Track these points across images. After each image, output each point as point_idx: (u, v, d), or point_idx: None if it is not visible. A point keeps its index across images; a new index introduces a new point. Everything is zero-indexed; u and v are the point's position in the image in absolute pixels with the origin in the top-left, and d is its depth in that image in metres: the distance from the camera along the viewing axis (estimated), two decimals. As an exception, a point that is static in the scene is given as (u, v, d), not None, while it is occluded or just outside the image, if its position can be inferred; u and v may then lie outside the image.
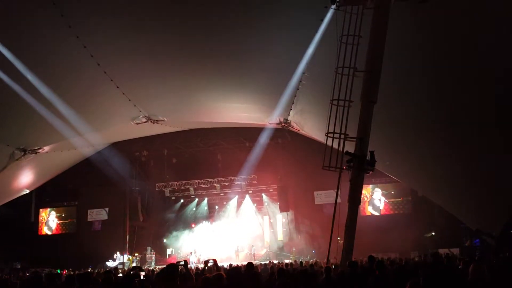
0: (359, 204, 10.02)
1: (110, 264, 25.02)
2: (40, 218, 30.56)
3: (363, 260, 12.76)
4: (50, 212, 30.72)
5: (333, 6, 10.28)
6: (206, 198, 30.13)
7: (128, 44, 13.14)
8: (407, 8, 9.88)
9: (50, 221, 30.54)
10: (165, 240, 28.70)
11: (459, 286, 6.01)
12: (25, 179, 22.80)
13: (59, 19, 11.35)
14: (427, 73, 11.63)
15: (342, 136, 10.12)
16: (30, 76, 13.49)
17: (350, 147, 9.97)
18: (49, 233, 30.41)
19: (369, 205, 25.96)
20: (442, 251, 17.59)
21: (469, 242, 18.61)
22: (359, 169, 9.68)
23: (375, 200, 25.95)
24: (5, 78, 13.43)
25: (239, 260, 23.48)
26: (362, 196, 11.45)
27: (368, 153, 9.71)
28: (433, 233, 23.32)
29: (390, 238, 22.14)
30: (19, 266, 25.33)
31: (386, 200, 25.90)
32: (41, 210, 30.63)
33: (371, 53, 9.60)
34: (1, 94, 14.24)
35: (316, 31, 11.60)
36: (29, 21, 11.75)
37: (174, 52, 13.80)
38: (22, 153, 18.84)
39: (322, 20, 11.14)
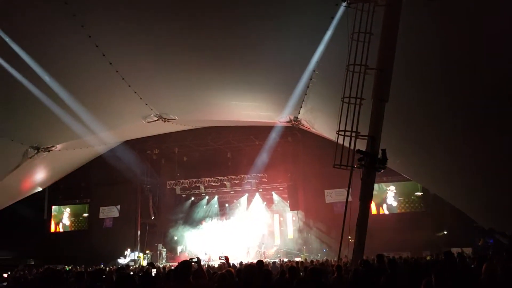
0: (371, 202, 9.97)
1: (122, 261, 25.23)
2: (53, 215, 30.91)
3: (375, 259, 12.72)
4: (64, 209, 31.05)
5: (344, 3, 10.25)
6: (216, 196, 30.27)
7: (139, 43, 13.21)
8: (419, 5, 9.82)
9: (64, 218, 30.87)
10: (175, 238, 28.86)
11: (472, 286, 5.96)
12: (38, 177, 23.07)
13: (72, 19, 11.45)
14: (441, 70, 11.52)
15: (354, 134, 10.08)
16: (46, 77, 13.64)
17: (361, 145, 9.93)
18: (64, 230, 30.72)
19: (384, 203, 25.81)
20: (455, 250, 17.44)
21: (482, 241, 18.40)
22: (371, 167, 9.64)
23: (389, 199, 25.80)
24: (19, 77, 13.59)
25: (250, 258, 23.53)
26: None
27: (380, 151, 9.66)
28: (445, 232, 23.14)
29: (402, 237, 22.02)
30: (33, 263, 25.66)
31: (400, 199, 25.75)
32: (53, 207, 30.98)
33: (383, 51, 9.54)
34: (16, 93, 14.43)
35: (327, 28, 11.53)
36: (42, 21, 11.86)
37: (184, 51, 13.83)
38: (36, 151, 19.09)
39: (333, 17, 11.07)
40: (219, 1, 11.60)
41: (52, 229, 30.74)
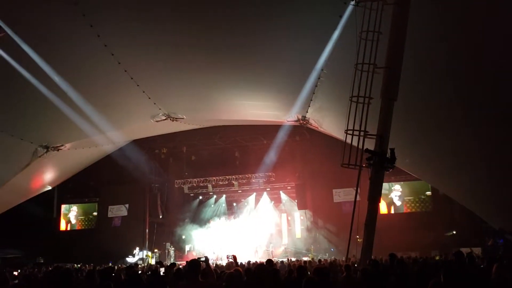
0: (379, 202, 9.93)
1: (130, 260, 25.35)
2: (62, 214, 31.14)
3: (383, 259, 12.66)
4: (71, 208, 31.29)
5: (353, 2, 10.22)
6: (224, 195, 30.31)
7: (148, 43, 13.26)
8: (427, 3, 9.75)
9: (71, 217, 31.12)
10: (183, 237, 28.93)
11: (482, 286, 5.92)
12: (48, 175, 23.25)
13: (81, 18, 11.51)
14: (449, 69, 11.43)
15: (362, 133, 10.03)
16: (56, 77, 13.73)
17: (369, 144, 9.89)
18: (71, 228, 30.95)
19: (391, 204, 25.73)
20: (464, 250, 17.31)
21: (491, 241, 18.25)
22: (379, 166, 9.60)
23: (394, 198, 25.71)
24: (29, 77, 13.68)
25: (258, 257, 23.52)
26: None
27: (388, 151, 9.61)
28: (454, 232, 22.98)
29: (410, 237, 21.90)
30: (42, 261, 25.86)
31: (406, 199, 25.64)
32: (63, 206, 31.21)
33: (391, 50, 9.50)
34: (25, 93, 14.55)
35: (335, 27, 11.50)
36: (52, 22, 11.96)
37: (193, 51, 13.86)
38: (45, 150, 19.21)
39: (341, 16, 11.03)
40: (226, 2, 11.61)
41: (62, 228, 30.97)
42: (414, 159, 16.22)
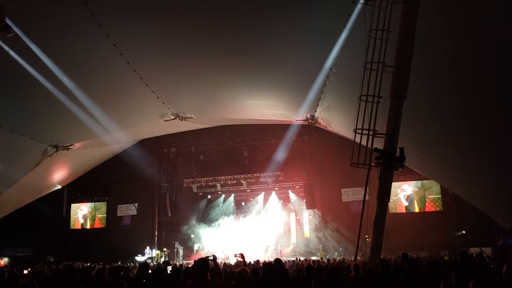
0: (388, 201, 9.85)
1: (139, 258, 25.47)
2: (72, 213, 31.39)
3: (392, 258, 12.61)
4: (80, 207, 31.52)
5: (362, 1, 10.17)
6: (232, 195, 30.31)
7: (157, 42, 13.31)
8: (436, 1, 9.69)
9: (81, 216, 31.35)
10: (192, 236, 29.01)
11: (492, 286, 5.87)
12: (57, 174, 23.44)
13: (90, 18, 11.56)
14: (459, 68, 11.35)
15: (371, 132, 9.97)
16: (64, 77, 13.82)
17: (379, 143, 9.83)
18: (82, 227, 31.19)
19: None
20: (474, 250, 17.21)
21: (502, 241, 18.10)
22: (388, 166, 9.52)
23: (402, 198, 25.57)
24: (38, 77, 13.78)
25: (267, 256, 23.52)
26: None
27: (398, 150, 9.54)
28: (464, 232, 22.82)
29: (420, 237, 21.81)
30: (52, 259, 26.10)
31: (415, 199, 25.47)
32: (72, 205, 31.45)
33: (401, 48, 9.42)
34: (36, 94, 14.67)
35: (344, 26, 11.46)
36: (61, 22, 12.02)
37: (202, 50, 13.88)
38: (55, 150, 19.38)
39: (350, 15, 11.00)
40: (236, 1, 11.61)
41: (71, 227, 31.23)
42: (424, 159, 16.12)
